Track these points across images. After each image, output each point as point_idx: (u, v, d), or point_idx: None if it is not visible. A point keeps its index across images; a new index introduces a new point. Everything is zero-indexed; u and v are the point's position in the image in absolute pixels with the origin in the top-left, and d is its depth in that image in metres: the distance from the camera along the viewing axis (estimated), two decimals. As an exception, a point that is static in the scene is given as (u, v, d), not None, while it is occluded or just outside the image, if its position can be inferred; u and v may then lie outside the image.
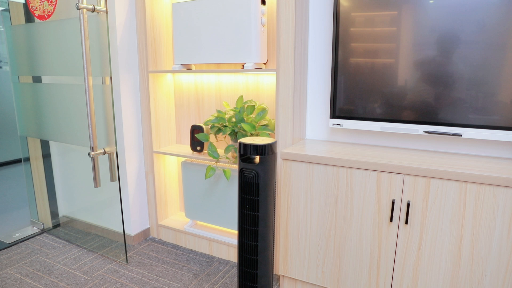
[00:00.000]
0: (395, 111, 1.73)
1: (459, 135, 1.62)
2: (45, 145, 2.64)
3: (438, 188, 1.48)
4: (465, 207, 1.44)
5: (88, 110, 1.89)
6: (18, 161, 4.53)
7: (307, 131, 2.09)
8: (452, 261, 1.51)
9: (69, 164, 2.59)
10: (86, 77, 1.86)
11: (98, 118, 2.05)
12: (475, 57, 1.54)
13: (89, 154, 1.93)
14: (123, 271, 2.14)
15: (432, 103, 1.65)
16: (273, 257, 1.40)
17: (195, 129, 2.24)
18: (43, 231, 2.64)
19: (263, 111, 1.97)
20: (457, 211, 1.46)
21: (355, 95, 1.80)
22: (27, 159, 2.68)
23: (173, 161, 2.59)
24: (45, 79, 2.28)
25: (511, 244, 1.40)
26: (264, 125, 2.02)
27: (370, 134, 1.94)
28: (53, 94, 2.23)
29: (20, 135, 2.53)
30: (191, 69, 2.24)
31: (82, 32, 1.81)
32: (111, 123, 2.02)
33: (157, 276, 2.10)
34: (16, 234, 2.59)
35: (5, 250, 2.38)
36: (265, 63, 2.10)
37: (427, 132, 1.68)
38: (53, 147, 2.65)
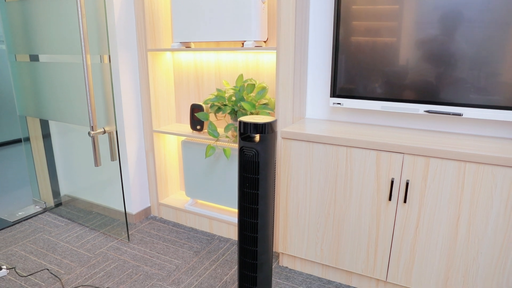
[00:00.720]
0: (396, 90, 1.72)
1: (459, 114, 1.62)
2: (44, 124, 2.64)
3: (437, 168, 1.48)
4: (464, 187, 1.46)
5: (87, 89, 1.87)
6: (18, 141, 4.53)
7: (307, 110, 2.09)
8: (448, 239, 1.53)
9: (70, 143, 2.59)
10: (84, 56, 1.83)
11: (97, 97, 2.04)
12: (478, 36, 1.51)
13: (89, 133, 1.93)
14: (125, 248, 2.18)
15: (433, 83, 1.63)
16: (272, 234, 1.42)
17: (195, 108, 2.23)
18: (45, 210, 2.67)
19: (263, 89, 1.96)
20: (455, 190, 1.47)
21: (356, 74, 1.79)
22: (27, 139, 2.68)
23: (173, 140, 2.59)
24: (42, 58, 2.26)
25: (507, 223, 1.42)
26: (264, 104, 2.01)
27: (370, 113, 1.94)
28: (51, 73, 2.21)
29: (19, 114, 2.52)
30: (190, 47, 2.21)
31: (79, 9, 1.78)
32: (110, 102, 2.01)
33: (158, 253, 2.13)
34: (19, 213, 2.62)
35: (9, 228, 2.41)
36: (265, 41, 2.07)
37: (428, 111, 1.67)
38: (53, 127, 2.65)
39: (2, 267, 1.94)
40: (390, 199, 1.59)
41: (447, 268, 1.57)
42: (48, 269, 1.97)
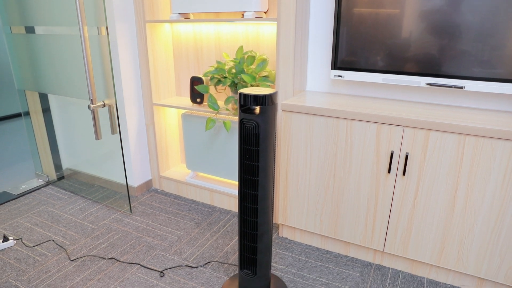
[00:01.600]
0: (397, 62, 1.70)
1: (461, 87, 1.60)
2: (44, 98, 2.62)
3: (437, 140, 1.49)
4: (463, 159, 1.46)
5: (85, 62, 1.85)
6: (18, 115, 4.52)
7: (308, 83, 2.07)
8: (446, 211, 1.56)
9: (70, 117, 2.59)
10: (81, 27, 1.80)
11: (96, 70, 2.02)
12: (484, 7, 1.48)
13: (88, 106, 1.93)
14: (128, 220, 2.22)
15: (436, 55, 1.61)
16: (272, 206, 1.44)
17: (195, 81, 2.22)
18: (48, 183, 2.70)
19: (264, 62, 1.93)
20: (454, 163, 1.48)
21: (357, 46, 1.76)
22: (27, 113, 2.67)
23: (173, 113, 2.59)
24: (38, 30, 2.21)
25: (504, 195, 1.43)
26: (264, 76, 1.99)
27: (371, 86, 1.92)
28: (48, 46, 2.17)
29: (18, 88, 2.50)
30: (189, 18, 2.17)
31: (74, -23, 1.73)
32: (109, 75, 1.99)
33: (160, 225, 2.18)
34: (23, 186, 2.65)
35: (14, 201, 2.45)
36: (265, 12, 2.03)
37: (429, 84, 1.66)
38: (52, 101, 2.63)
39: (9, 238, 1.99)
40: (389, 171, 1.60)
41: (443, 239, 1.60)
42: (53, 240, 2.01)
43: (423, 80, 1.67)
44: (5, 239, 1.96)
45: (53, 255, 1.89)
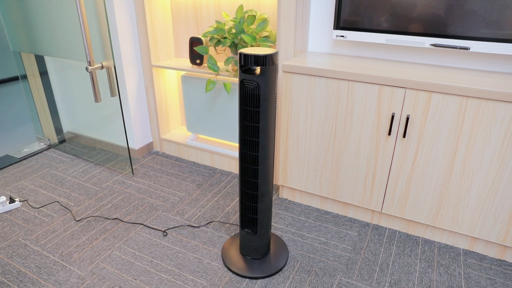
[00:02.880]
0: (402, 22, 1.65)
1: (467, 48, 1.57)
2: (40, 61, 2.58)
3: (439, 103, 1.48)
4: (463, 122, 1.46)
5: (81, 21, 1.80)
6: (15, 78, 4.46)
7: (309, 43, 2.02)
8: (444, 173, 1.58)
9: (68, 80, 2.56)
10: (74, -16, 1.73)
11: (92, 31, 1.96)
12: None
13: (86, 68, 1.89)
14: (130, 182, 2.26)
15: (442, 15, 1.56)
16: (273, 167, 1.46)
17: (194, 42, 2.17)
18: (49, 147, 2.72)
19: (264, 21, 1.88)
20: (455, 125, 1.48)
21: (361, 5, 1.70)
22: (24, 77, 2.64)
23: (172, 75, 2.55)
24: (31, -13, 2.13)
25: (502, 158, 1.44)
26: (265, 36, 1.94)
27: (374, 47, 1.88)
28: (41, 4, 2.10)
29: (13, 50, 2.45)
30: (186, -25, 2.08)
31: None
32: (106, 36, 1.94)
33: (162, 186, 2.21)
34: (25, 150, 2.67)
35: (17, 164, 2.47)
36: (266, -32, 1.94)
37: (434, 45, 1.62)
38: (49, 63, 2.59)
39: (15, 199, 2.03)
40: (389, 133, 1.60)
41: (440, 200, 1.63)
42: (58, 202, 2.06)
43: (427, 41, 1.63)
44: (12, 200, 2.00)
45: (58, 215, 1.94)
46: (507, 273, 1.58)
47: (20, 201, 2.06)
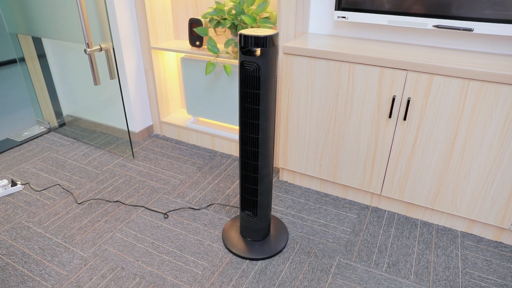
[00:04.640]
0: (404, 3, 1.62)
1: (470, 29, 1.54)
2: (38, 43, 2.55)
3: (440, 85, 1.46)
4: (465, 105, 1.45)
5: (78, 2, 1.77)
6: (14, 61, 4.42)
7: (310, 25, 1.99)
8: (444, 156, 1.58)
9: (67, 63, 2.53)
10: (71, -37, 1.69)
11: (90, 12, 1.93)
12: None
13: (85, 51, 1.87)
14: (131, 165, 2.27)
15: (446, -6, 1.53)
16: (273, 150, 1.46)
17: (193, 23, 2.14)
18: (50, 130, 2.72)
19: (264, 2, 1.84)
20: (456, 108, 1.47)
21: (364, -16, 1.67)
22: (22, 59, 2.61)
23: (172, 57, 2.53)
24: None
25: (502, 141, 1.44)
26: (265, 17, 1.91)
27: (376, 28, 1.85)
28: (38, -16, 2.06)
29: (9, 32, 2.42)
30: (185, -46, 2.03)
31: None
32: (104, 17, 1.92)
33: (163, 169, 2.22)
34: (25, 133, 2.67)
35: (18, 147, 2.48)
36: None
37: (437, 26, 1.60)
38: (47, 46, 2.56)
39: (17, 182, 2.04)
40: (390, 116, 1.60)
41: (439, 183, 1.64)
42: (59, 185, 2.07)
43: (430, 22, 1.60)
44: (14, 183, 2.01)
45: (60, 198, 1.95)
46: (503, 254, 1.60)
47: (22, 184, 2.07)
